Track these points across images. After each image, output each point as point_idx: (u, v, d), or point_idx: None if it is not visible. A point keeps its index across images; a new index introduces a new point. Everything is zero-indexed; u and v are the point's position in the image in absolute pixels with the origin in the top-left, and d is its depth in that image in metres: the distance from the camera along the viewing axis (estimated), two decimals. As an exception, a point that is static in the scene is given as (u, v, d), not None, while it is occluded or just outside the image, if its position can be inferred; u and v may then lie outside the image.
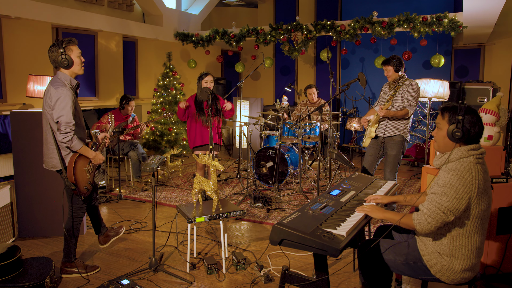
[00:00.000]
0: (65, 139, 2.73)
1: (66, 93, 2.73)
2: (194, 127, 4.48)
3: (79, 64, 2.88)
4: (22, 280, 2.58)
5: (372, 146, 4.19)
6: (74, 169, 2.82)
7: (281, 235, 1.97)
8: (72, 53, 2.83)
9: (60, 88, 2.73)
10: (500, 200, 2.88)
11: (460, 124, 1.98)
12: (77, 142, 2.79)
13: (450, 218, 1.92)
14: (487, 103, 3.25)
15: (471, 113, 2.01)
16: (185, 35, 8.19)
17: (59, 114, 2.70)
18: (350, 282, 2.94)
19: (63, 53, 2.78)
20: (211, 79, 4.37)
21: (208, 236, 3.80)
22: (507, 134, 6.50)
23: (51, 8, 5.90)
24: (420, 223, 1.97)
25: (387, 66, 4.04)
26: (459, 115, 1.99)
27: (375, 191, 2.72)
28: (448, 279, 2.03)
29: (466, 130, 1.99)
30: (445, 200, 1.91)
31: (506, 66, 7.12)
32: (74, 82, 2.89)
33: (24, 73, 5.62)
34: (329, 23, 6.82)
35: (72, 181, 2.82)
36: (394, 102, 4.02)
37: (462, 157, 1.98)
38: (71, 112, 2.74)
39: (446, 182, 1.93)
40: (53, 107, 2.71)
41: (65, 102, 2.71)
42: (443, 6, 7.14)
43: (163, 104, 7.14)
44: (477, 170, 1.93)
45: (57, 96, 2.71)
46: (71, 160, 2.84)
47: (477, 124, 2.00)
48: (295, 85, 9.66)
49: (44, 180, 3.65)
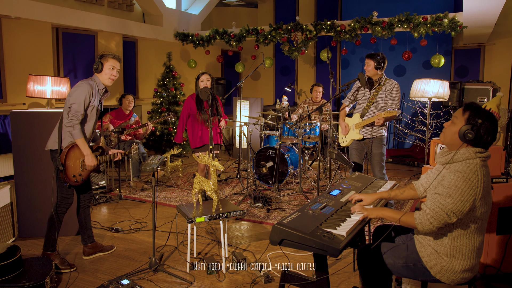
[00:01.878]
0: (69, 124, 2.94)
1: (86, 88, 2.98)
2: (191, 127, 4.49)
3: (108, 74, 3.13)
4: (22, 280, 2.58)
5: (355, 147, 4.19)
6: (67, 152, 2.97)
7: (281, 235, 1.97)
8: (106, 63, 3.11)
9: (84, 82, 3.03)
10: (500, 200, 2.88)
11: (475, 127, 1.93)
12: (77, 131, 2.95)
13: (453, 220, 1.91)
14: (487, 103, 3.25)
15: (491, 121, 1.94)
16: (185, 35, 8.19)
17: (72, 101, 2.95)
18: (350, 282, 2.94)
19: (99, 59, 3.11)
20: (207, 77, 4.35)
21: (208, 236, 3.80)
22: (507, 134, 6.50)
23: (51, 8, 5.90)
24: (422, 222, 1.96)
25: (370, 60, 3.99)
26: (479, 118, 1.93)
27: (375, 191, 2.71)
28: (448, 279, 2.02)
29: (479, 135, 1.93)
30: (449, 202, 1.89)
31: (506, 66, 7.12)
32: (101, 86, 3.14)
33: (24, 73, 5.62)
34: (329, 23, 6.82)
35: (62, 161, 2.95)
36: (377, 103, 3.98)
37: (469, 158, 1.94)
38: (83, 104, 2.97)
39: (451, 183, 1.90)
40: (71, 95, 2.98)
41: (81, 92, 2.96)
42: (443, 6, 7.14)
43: (163, 104, 7.14)
44: (482, 173, 1.91)
45: (77, 87, 3.00)
46: (69, 144, 3.00)
47: (492, 133, 1.94)
48: (295, 85, 9.66)
49: (44, 180, 3.65)
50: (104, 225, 4.08)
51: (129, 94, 5.73)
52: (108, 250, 3.41)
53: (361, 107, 4.12)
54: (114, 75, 3.17)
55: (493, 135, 1.95)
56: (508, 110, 6.41)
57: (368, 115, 4.03)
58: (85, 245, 3.32)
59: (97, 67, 3.08)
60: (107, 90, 3.21)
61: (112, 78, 3.16)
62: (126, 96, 5.68)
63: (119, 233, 3.87)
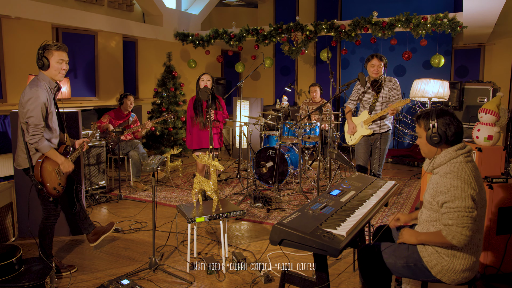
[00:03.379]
0: (32, 140, 2.70)
1: (39, 94, 2.67)
2: (190, 130, 4.48)
3: (57, 69, 2.79)
4: (22, 280, 2.57)
5: (363, 143, 4.29)
6: (41, 168, 2.77)
7: (281, 235, 1.97)
8: (51, 57, 2.75)
9: (34, 88, 2.69)
10: (500, 200, 2.88)
11: (434, 129, 2.03)
12: (44, 145, 2.73)
13: (474, 213, 1.90)
14: (487, 103, 3.25)
15: (443, 115, 2.04)
16: (185, 35, 8.19)
17: (29, 115, 2.66)
18: (350, 282, 2.94)
19: (41, 54, 2.73)
20: (208, 77, 4.35)
21: (208, 236, 3.80)
22: (507, 134, 6.50)
23: (51, 8, 5.90)
24: (455, 236, 1.91)
25: (379, 61, 4.07)
26: (431, 120, 2.04)
27: (375, 191, 2.72)
28: (449, 279, 2.03)
29: (442, 133, 2.03)
30: (460, 202, 1.91)
31: (506, 66, 7.12)
32: (53, 84, 2.83)
33: (24, 73, 5.62)
34: (329, 23, 6.82)
35: (39, 180, 2.76)
36: (382, 99, 4.12)
37: (452, 158, 2.01)
38: (41, 114, 2.69)
39: (448, 186, 1.94)
40: (24, 106, 2.68)
41: (36, 103, 2.66)
42: (443, 6, 7.14)
43: (163, 104, 7.14)
44: (470, 168, 1.97)
45: (29, 96, 2.67)
46: (38, 159, 2.79)
47: (451, 124, 2.03)
48: (295, 85, 9.66)
49: (44, 180, 3.64)
50: (104, 225, 4.07)
51: (130, 94, 5.73)
52: (109, 230, 3.37)
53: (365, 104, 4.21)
54: (64, 68, 2.81)
55: (454, 124, 2.03)
56: (508, 110, 6.40)
57: (376, 111, 4.16)
58: (88, 233, 3.31)
59: (42, 63, 2.71)
60: (60, 86, 2.91)
61: (63, 72, 2.82)
62: (128, 97, 5.66)
63: (119, 233, 3.87)
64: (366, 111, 4.22)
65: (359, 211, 2.29)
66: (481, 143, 3.20)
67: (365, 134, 4.23)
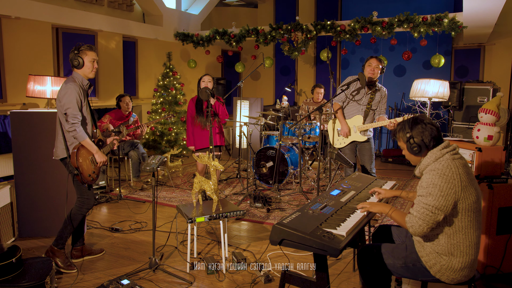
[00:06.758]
0: (71, 128, 2.94)
1: (73, 89, 2.96)
2: (191, 130, 4.48)
3: (90, 68, 3.09)
4: (22, 280, 2.57)
5: (350, 147, 4.23)
6: (77, 155, 2.98)
7: (281, 235, 1.97)
8: (85, 57, 3.05)
9: (69, 83, 2.98)
10: (500, 200, 2.88)
11: (412, 140, 2.07)
12: (81, 133, 2.97)
13: (440, 217, 1.94)
14: (487, 103, 3.24)
15: (415, 125, 2.08)
16: (185, 35, 8.19)
17: (67, 106, 2.94)
18: (350, 282, 2.94)
19: (76, 54, 3.03)
20: (209, 78, 4.40)
21: (208, 236, 3.80)
22: (507, 134, 6.50)
23: (51, 8, 5.90)
24: (413, 226, 1.99)
25: (378, 62, 4.02)
26: (407, 132, 2.09)
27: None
28: (448, 278, 2.03)
29: (420, 142, 2.07)
30: (431, 200, 1.94)
31: (506, 66, 7.12)
32: (85, 81, 3.11)
33: (24, 73, 5.62)
34: (329, 23, 6.82)
35: (75, 166, 2.97)
36: (373, 106, 4.11)
37: (438, 157, 2.02)
38: (78, 105, 2.97)
39: (429, 182, 1.97)
40: (61, 100, 2.96)
41: (72, 96, 2.94)
42: (443, 6, 7.14)
43: (163, 104, 7.14)
44: (456, 165, 1.98)
45: (65, 90, 2.96)
46: (75, 146, 3.01)
47: (425, 130, 2.07)
48: (295, 85, 9.66)
49: (44, 180, 3.65)
50: (104, 225, 4.08)
51: (125, 95, 5.56)
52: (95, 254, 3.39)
53: (357, 107, 4.13)
54: (96, 66, 3.13)
55: (428, 129, 2.07)
56: (508, 110, 6.41)
57: (368, 119, 4.13)
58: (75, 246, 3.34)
59: (78, 63, 3.02)
60: (91, 83, 3.19)
61: (95, 70, 3.13)
62: (122, 99, 5.49)
63: (119, 233, 3.87)
64: (360, 116, 4.10)
65: (359, 211, 2.29)
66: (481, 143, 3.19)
67: (359, 140, 4.12)
